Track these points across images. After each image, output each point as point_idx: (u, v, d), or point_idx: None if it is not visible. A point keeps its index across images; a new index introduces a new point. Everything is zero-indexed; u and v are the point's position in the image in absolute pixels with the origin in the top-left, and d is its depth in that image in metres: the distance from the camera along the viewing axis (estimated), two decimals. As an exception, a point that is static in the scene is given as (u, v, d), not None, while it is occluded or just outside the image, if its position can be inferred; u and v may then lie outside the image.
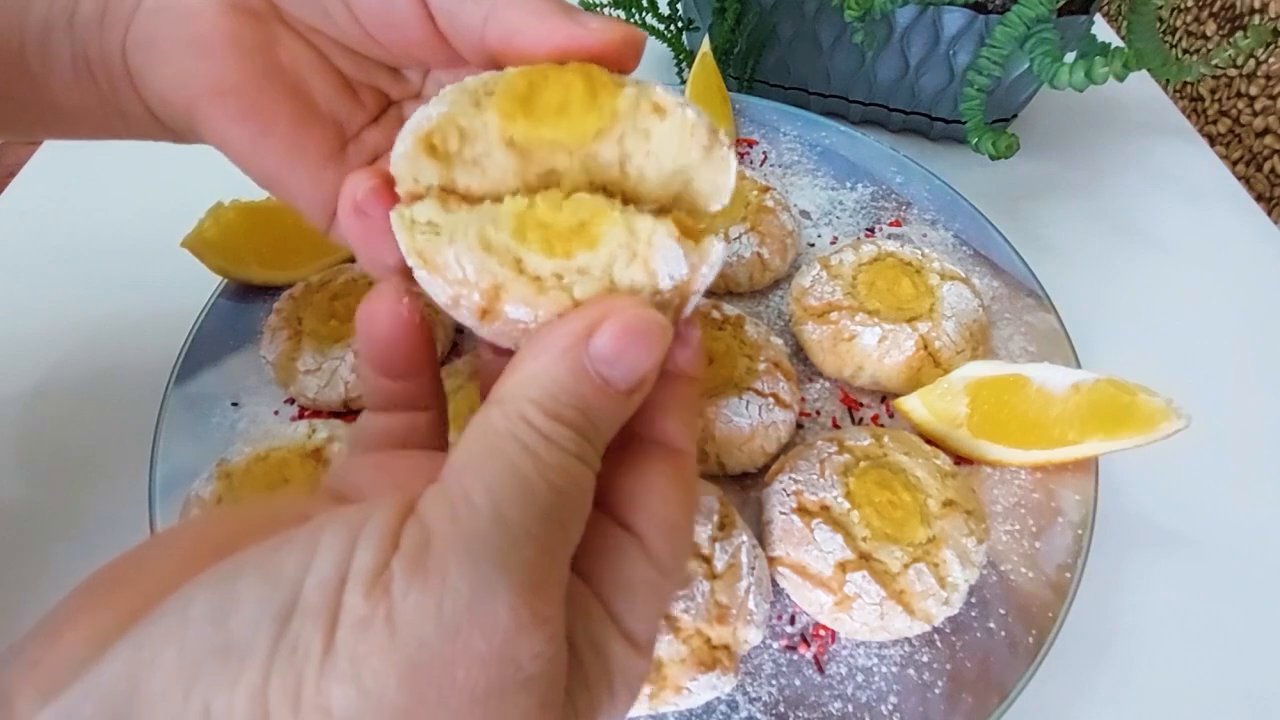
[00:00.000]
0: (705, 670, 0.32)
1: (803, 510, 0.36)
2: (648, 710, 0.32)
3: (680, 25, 0.65)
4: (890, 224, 0.54)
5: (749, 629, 0.33)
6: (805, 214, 0.56)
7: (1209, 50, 0.74)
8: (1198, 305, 0.54)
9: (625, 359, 0.18)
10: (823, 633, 0.37)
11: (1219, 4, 0.86)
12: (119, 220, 0.59)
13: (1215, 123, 0.87)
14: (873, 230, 0.54)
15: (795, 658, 0.36)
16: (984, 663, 0.35)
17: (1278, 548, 0.43)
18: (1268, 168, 0.81)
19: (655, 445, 0.21)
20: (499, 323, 0.20)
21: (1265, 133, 0.81)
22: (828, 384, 0.46)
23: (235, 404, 0.45)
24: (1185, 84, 0.91)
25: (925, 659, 0.36)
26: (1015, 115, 0.63)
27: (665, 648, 0.32)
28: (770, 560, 0.37)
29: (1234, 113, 0.85)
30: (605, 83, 0.20)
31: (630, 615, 0.19)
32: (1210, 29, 0.88)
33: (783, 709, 0.34)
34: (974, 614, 0.37)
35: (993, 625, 0.36)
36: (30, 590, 0.40)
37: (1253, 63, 0.81)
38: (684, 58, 0.66)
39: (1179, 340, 0.52)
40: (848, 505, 0.36)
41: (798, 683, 0.35)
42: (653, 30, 0.63)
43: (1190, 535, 0.43)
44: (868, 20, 0.53)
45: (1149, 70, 0.48)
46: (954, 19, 0.53)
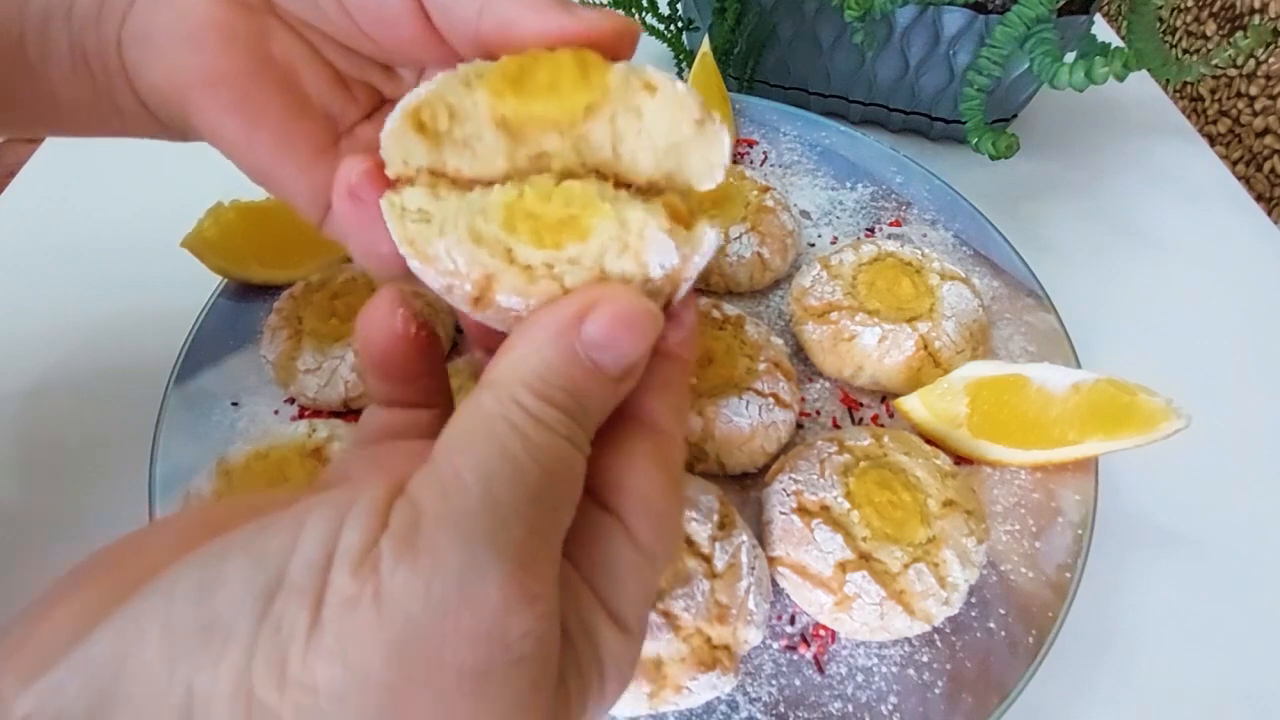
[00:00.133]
0: (705, 670, 0.32)
1: (803, 510, 0.36)
2: (648, 710, 0.32)
3: (680, 25, 0.65)
4: (890, 224, 0.54)
5: (749, 629, 0.33)
6: (805, 214, 0.56)
7: (1209, 50, 0.74)
8: (1198, 305, 0.54)
9: (616, 345, 0.18)
10: (823, 633, 0.37)
11: (1219, 4, 0.86)
12: (119, 220, 0.59)
13: (1215, 123, 0.87)
14: (873, 230, 0.54)
15: (795, 658, 0.36)
16: (984, 663, 0.35)
17: (1278, 548, 0.43)
18: (1268, 168, 0.81)
19: (640, 425, 0.20)
20: (491, 310, 0.20)
21: (1265, 133, 0.81)
22: (828, 384, 0.46)
23: (235, 403, 0.45)
24: (1185, 84, 0.91)
25: (925, 659, 0.36)
26: (1015, 115, 0.63)
27: (665, 647, 0.32)
28: (770, 560, 0.37)
29: (1234, 113, 0.85)
30: (596, 62, 0.20)
31: (615, 599, 0.18)
32: (1210, 29, 0.88)
33: (783, 709, 0.34)
34: (974, 614, 0.37)
35: (993, 625, 0.36)
36: (30, 590, 0.40)
37: (1253, 63, 0.81)
38: (684, 58, 0.66)
39: (1179, 340, 0.52)
40: (848, 505, 0.36)
41: (798, 683, 0.35)
42: (653, 30, 0.63)
43: (1190, 535, 0.43)
44: (868, 20, 0.53)
45: (1149, 70, 0.48)
46: (954, 19, 0.53)
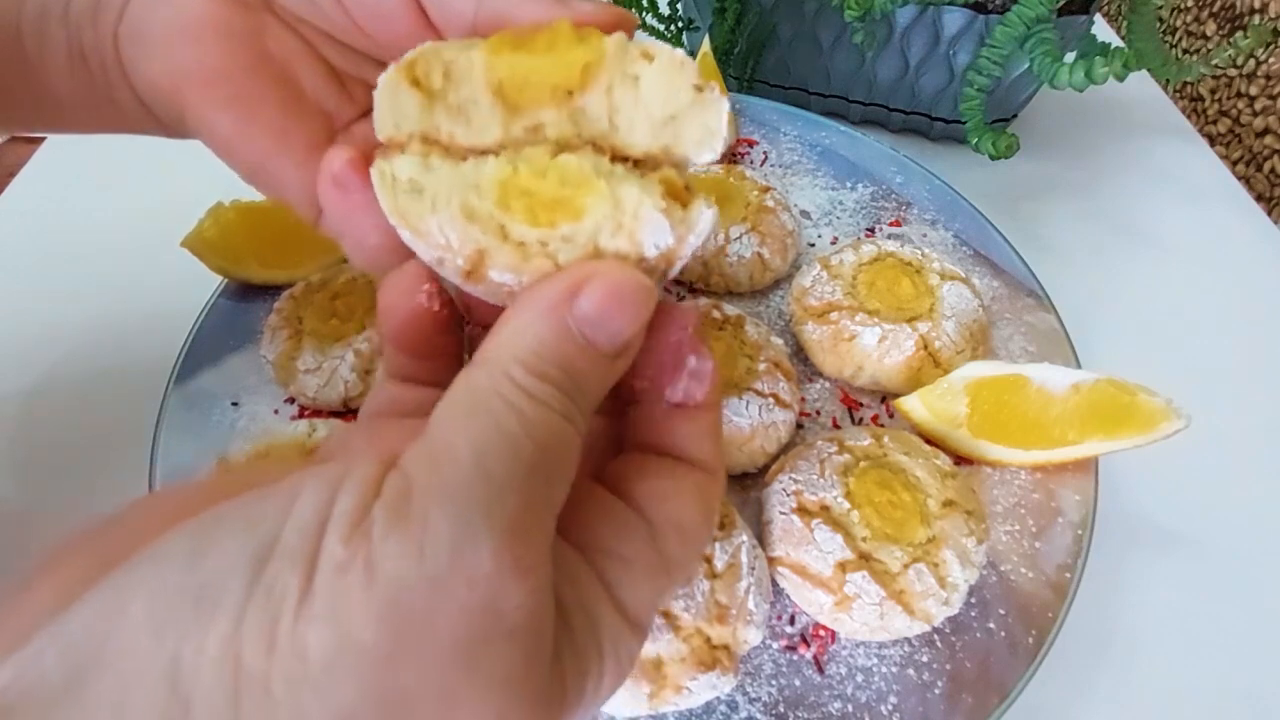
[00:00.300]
0: (705, 670, 0.32)
1: (803, 510, 0.36)
2: (648, 710, 0.32)
3: (680, 25, 0.65)
4: (890, 224, 0.54)
5: (749, 629, 0.33)
6: (805, 214, 0.56)
7: (1209, 50, 0.74)
8: (1198, 305, 0.54)
9: (609, 322, 0.18)
10: (822, 633, 0.37)
11: (1219, 4, 0.86)
12: (119, 220, 0.59)
13: (1215, 123, 0.87)
14: (873, 230, 0.54)
15: (795, 658, 0.36)
16: (984, 663, 0.35)
17: (1278, 548, 0.43)
18: (1268, 168, 0.81)
19: (691, 464, 0.21)
20: (483, 285, 0.20)
21: (1265, 133, 0.81)
22: (828, 384, 0.46)
23: (235, 403, 0.45)
24: (1185, 84, 0.91)
25: (925, 659, 0.36)
26: (1015, 115, 0.63)
27: (665, 647, 0.32)
28: (770, 560, 0.37)
29: (1234, 113, 0.85)
30: (594, 31, 0.20)
31: (623, 587, 0.18)
32: (1210, 29, 0.88)
33: (783, 709, 0.34)
34: (974, 614, 0.37)
35: (993, 625, 0.36)
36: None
37: (1253, 63, 0.81)
38: (684, 58, 0.66)
39: (1179, 340, 0.52)
40: (848, 505, 0.36)
41: (798, 683, 0.35)
42: (653, 30, 0.63)
43: (1190, 535, 0.43)
44: (868, 20, 0.53)
45: (1149, 70, 0.48)
46: (954, 19, 0.53)
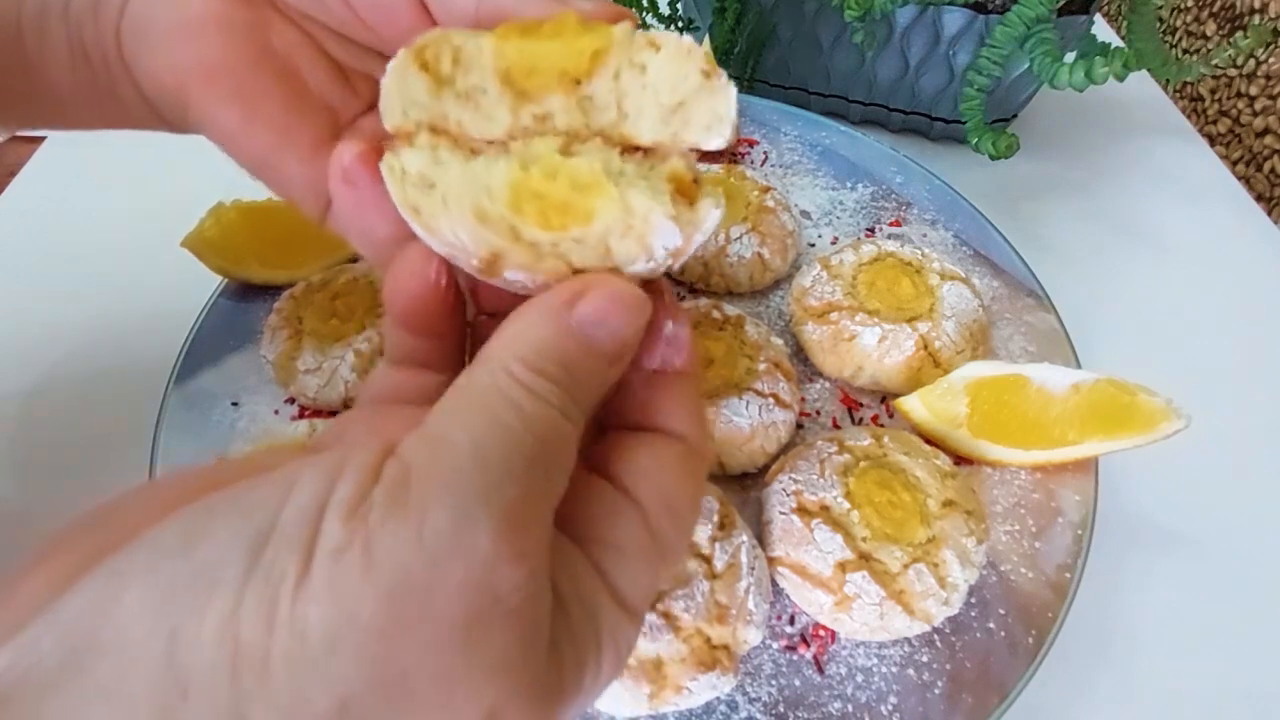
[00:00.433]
0: (705, 670, 0.32)
1: (803, 510, 0.36)
2: (648, 710, 0.32)
3: (680, 25, 0.65)
4: (890, 224, 0.54)
5: (749, 629, 0.33)
6: (805, 214, 0.56)
7: (1209, 50, 0.74)
8: (1198, 305, 0.55)
9: (608, 320, 0.18)
10: (822, 633, 0.37)
11: (1219, 4, 0.86)
12: (119, 220, 0.59)
13: (1215, 123, 0.87)
14: (873, 230, 0.54)
15: (795, 658, 0.36)
16: (984, 663, 0.35)
17: (1278, 548, 0.43)
18: (1268, 168, 0.81)
19: (670, 435, 0.21)
20: (498, 279, 0.20)
21: (1265, 133, 0.81)
22: (828, 384, 0.46)
23: (235, 403, 0.45)
24: (1185, 84, 0.91)
25: (925, 659, 0.36)
26: (1015, 115, 0.63)
27: (665, 647, 0.32)
28: (770, 560, 0.37)
29: (1234, 113, 0.85)
30: (600, 21, 0.20)
31: (618, 575, 0.19)
32: (1210, 29, 0.88)
33: (782, 709, 0.34)
34: (974, 614, 0.37)
35: (993, 625, 0.36)
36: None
37: (1253, 63, 0.81)
38: (684, 58, 0.66)
39: (1179, 340, 0.52)
40: (848, 505, 0.36)
41: (797, 683, 0.35)
42: (653, 30, 0.63)
43: (1190, 535, 0.43)
44: (868, 20, 0.53)
45: (1149, 70, 0.48)
46: (954, 19, 0.53)
